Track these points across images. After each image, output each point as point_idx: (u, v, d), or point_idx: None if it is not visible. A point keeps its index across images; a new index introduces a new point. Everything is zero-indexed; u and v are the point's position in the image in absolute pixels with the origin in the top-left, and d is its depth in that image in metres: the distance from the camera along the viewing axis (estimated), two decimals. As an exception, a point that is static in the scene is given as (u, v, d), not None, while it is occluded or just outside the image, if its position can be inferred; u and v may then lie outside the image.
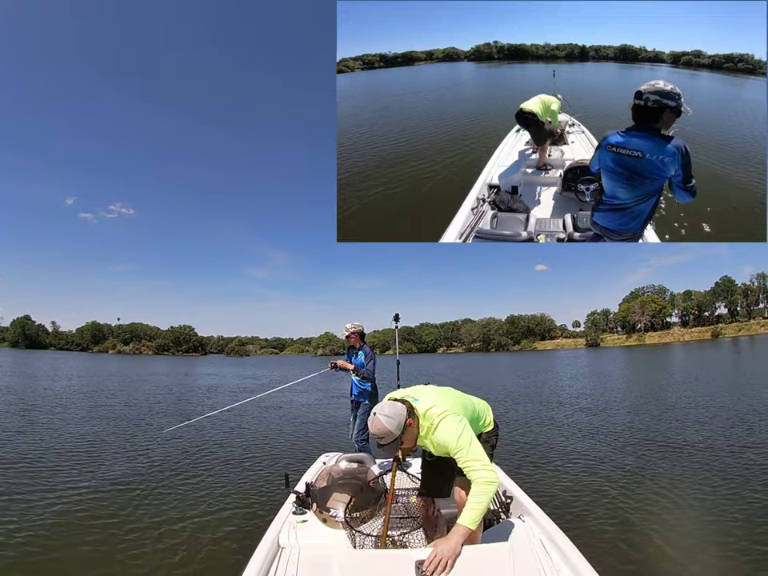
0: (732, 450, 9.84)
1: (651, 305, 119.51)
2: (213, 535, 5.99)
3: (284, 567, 3.37)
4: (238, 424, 14.70)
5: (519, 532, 3.65)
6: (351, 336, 6.93)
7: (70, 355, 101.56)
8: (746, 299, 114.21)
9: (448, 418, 3.07)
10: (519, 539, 3.54)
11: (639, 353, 72.84)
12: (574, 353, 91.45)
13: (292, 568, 3.35)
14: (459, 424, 3.05)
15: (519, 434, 12.73)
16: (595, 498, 7.38)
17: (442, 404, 3.16)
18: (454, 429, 3.03)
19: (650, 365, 44.95)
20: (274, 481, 8.34)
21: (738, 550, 5.49)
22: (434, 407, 3.14)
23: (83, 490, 7.84)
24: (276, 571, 3.32)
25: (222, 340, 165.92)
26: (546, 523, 3.74)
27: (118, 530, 6.26)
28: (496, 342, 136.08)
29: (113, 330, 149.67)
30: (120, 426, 14.39)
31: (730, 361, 44.32)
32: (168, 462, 9.85)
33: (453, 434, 3.01)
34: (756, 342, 71.82)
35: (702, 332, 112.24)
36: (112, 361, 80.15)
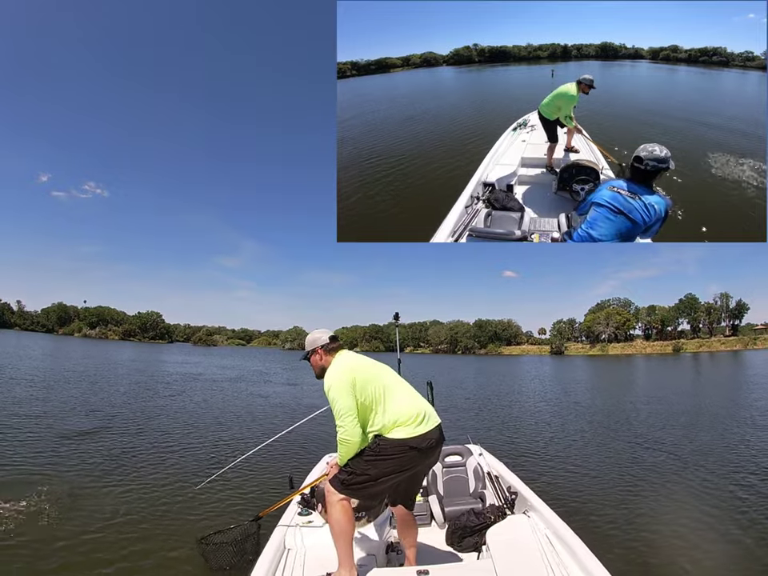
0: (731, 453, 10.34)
1: (616, 317, 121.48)
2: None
3: (291, 568, 3.39)
4: (240, 424, 14.42)
5: (525, 527, 3.68)
6: None
7: (35, 336, 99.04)
8: (708, 317, 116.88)
9: (330, 390, 3.33)
10: (525, 535, 3.56)
11: (603, 362, 74.47)
12: (540, 359, 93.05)
13: (299, 569, 3.36)
14: (333, 399, 3.31)
15: (522, 431, 13.11)
16: (600, 493, 7.58)
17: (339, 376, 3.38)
18: (331, 398, 3.32)
19: (619, 373, 46.52)
20: (278, 482, 8.25)
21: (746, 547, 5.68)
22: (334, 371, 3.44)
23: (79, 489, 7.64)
24: (284, 572, 3.34)
25: (188, 328, 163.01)
26: (551, 518, 3.78)
27: (120, 528, 6.13)
28: (463, 344, 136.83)
29: (79, 312, 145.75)
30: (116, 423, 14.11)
31: (698, 372, 46.28)
32: (171, 463, 9.65)
33: (331, 401, 3.33)
34: (716, 359, 73.70)
35: (663, 346, 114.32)
36: (82, 345, 78.56)
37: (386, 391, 3.35)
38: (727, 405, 18.79)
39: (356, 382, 3.31)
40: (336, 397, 3.27)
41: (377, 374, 3.47)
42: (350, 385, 3.29)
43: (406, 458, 3.22)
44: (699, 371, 48.47)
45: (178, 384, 25.28)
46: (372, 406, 3.30)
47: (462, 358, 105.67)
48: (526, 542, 3.44)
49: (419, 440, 3.22)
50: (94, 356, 48.47)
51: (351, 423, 3.21)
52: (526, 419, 16.13)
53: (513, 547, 3.39)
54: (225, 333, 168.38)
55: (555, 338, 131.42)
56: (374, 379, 3.39)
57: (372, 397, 3.30)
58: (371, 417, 3.31)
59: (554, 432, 13.49)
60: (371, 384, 3.34)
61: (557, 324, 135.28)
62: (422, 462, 3.37)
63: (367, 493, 3.30)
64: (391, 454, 3.20)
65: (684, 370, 50.22)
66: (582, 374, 47.82)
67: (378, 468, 3.20)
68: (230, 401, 19.77)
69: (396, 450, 3.20)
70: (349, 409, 3.22)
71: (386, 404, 3.31)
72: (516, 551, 3.35)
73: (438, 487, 5.12)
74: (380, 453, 3.22)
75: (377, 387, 3.34)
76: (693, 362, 66.39)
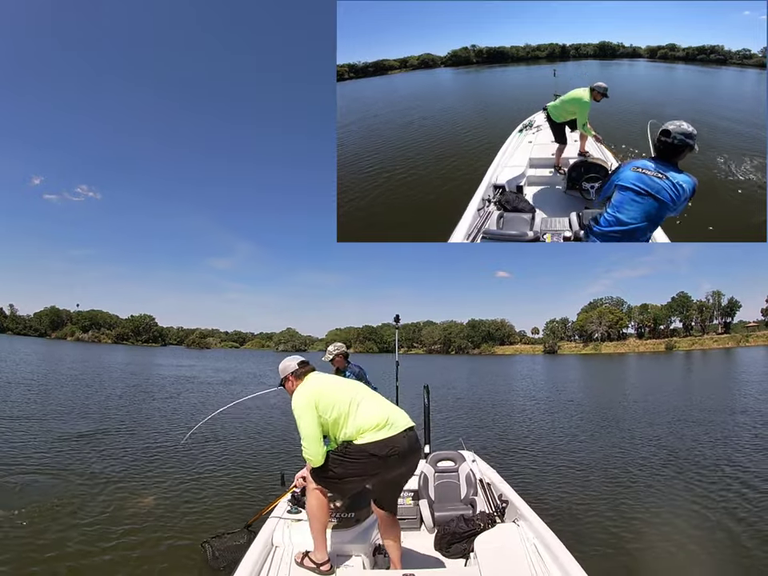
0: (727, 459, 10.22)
1: (609, 315, 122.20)
2: (208, 533, 5.85)
3: (277, 566, 3.40)
4: (234, 422, 14.39)
5: (513, 536, 3.68)
6: (336, 358, 6.90)
7: (27, 340, 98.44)
8: (700, 315, 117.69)
9: (295, 411, 3.57)
10: (513, 543, 3.57)
11: (596, 361, 74.88)
12: (533, 358, 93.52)
13: (285, 567, 3.37)
14: (297, 419, 3.55)
15: (515, 438, 12.96)
16: (590, 503, 7.50)
17: (301, 399, 3.59)
18: (296, 419, 3.56)
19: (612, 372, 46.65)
20: (270, 479, 8.24)
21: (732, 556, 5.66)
22: (299, 394, 3.64)
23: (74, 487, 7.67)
24: (269, 570, 3.34)
25: (181, 331, 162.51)
26: (540, 528, 3.76)
27: (110, 524, 6.15)
28: (456, 344, 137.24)
29: (72, 316, 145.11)
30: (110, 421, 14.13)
31: (689, 370, 46.40)
32: (162, 459, 9.66)
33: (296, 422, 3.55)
34: (708, 356, 74.25)
35: (656, 344, 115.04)
36: (75, 349, 78.16)
37: (351, 406, 3.50)
38: (718, 405, 18.82)
39: (319, 403, 3.52)
40: (299, 418, 3.52)
41: (341, 392, 3.62)
42: (311, 406, 3.51)
43: (369, 464, 3.39)
44: (691, 369, 48.97)
45: (174, 387, 25.23)
46: (339, 421, 3.47)
47: (456, 358, 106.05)
48: (514, 550, 3.45)
49: (380, 446, 3.36)
50: (87, 360, 48.18)
51: (312, 444, 3.46)
52: (517, 420, 16.21)
53: (500, 555, 3.41)
54: (218, 335, 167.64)
55: (548, 337, 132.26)
56: (339, 397, 3.55)
57: (338, 413, 3.48)
58: (340, 430, 3.48)
59: (545, 434, 13.47)
60: (335, 402, 3.51)
61: (550, 323, 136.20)
62: (389, 470, 3.46)
63: (336, 488, 3.57)
64: (354, 459, 3.39)
65: (676, 368, 50.73)
66: (575, 373, 48.22)
67: (343, 469, 3.42)
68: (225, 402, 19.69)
69: (358, 455, 3.38)
70: (310, 430, 3.47)
71: (353, 417, 3.46)
72: (503, 559, 3.37)
73: (429, 491, 5.09)
74: (344, 456, 3.42)
75: (341, 404, 3.50)
76: (685, 360, 66.88)
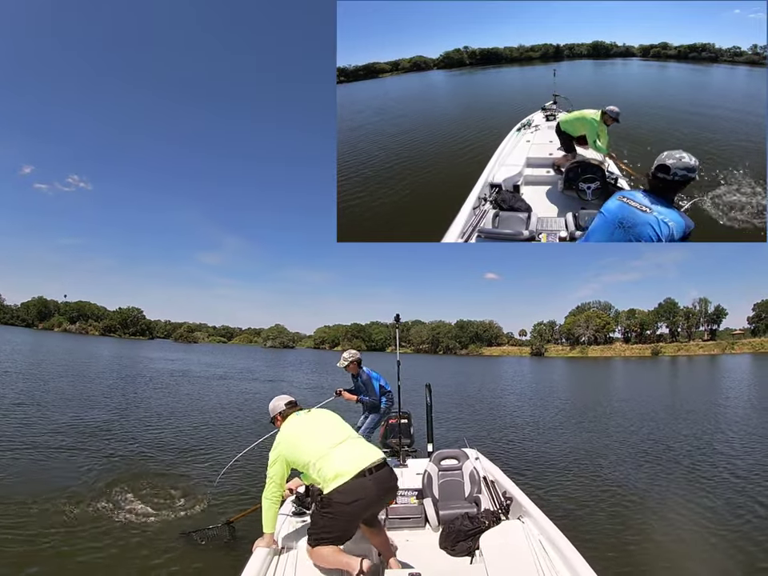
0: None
1: (596, 319, 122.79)
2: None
3: (282, 567, 3.39)
4: (235, 421, 14.32)
5: (518, 533, 3.67)
6: (350, 365, 7.16)
7: (15, 330, 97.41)
8: (687, 321, 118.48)
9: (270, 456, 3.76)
10: (518, 540, 3.56)
11: (583, 364, 75.50)
12: (520, 360, 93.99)
13: (290, 569, 3.35)
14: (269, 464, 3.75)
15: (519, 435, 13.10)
16: (595, 500, 7.56)
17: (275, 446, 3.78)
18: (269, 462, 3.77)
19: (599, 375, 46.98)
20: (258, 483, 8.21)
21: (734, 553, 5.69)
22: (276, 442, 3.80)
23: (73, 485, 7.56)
24: (275, 571, 3.33)
25: (169, 325, 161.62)
26: (545, 524, 3.77)
27: (110, 526, 6.07)
28: (444, 344, 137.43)
29: (59, 307, 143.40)
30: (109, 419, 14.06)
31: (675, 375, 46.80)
32: (164, 460, 9.54)
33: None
34: (693, 363, 74.84)
35: (642, 349, 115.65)
36: (63, 340, 77.21)
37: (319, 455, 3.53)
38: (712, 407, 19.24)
39: (286, 453, 3.69)
40: (269, 464, 3.73)
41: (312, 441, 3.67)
42: (281, 455, 3.71)
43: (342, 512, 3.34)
44: (676, 374, 49.28)
45: (164, 381, 25.14)
46: (307, 468, 3.57)
47: (444, 358, 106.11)
48: (519, 548, 3.44)
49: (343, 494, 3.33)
50: (75, 351, 47.86)
51: (271, 488, 3.70)
52: (511, 419, 16.27)
53: (506, 553, 3.40)
54: (206, 330, 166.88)
55: (536, 339, 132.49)
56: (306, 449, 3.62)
57: (305, 462, 3.57)
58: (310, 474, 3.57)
59: (545, 434, 13.61)
60: (302, 452, 3.61)
61: (537, 326, 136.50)
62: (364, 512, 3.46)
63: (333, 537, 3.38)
64: (333, 512, 3.35)
65: (661, 373, 51.11)
66: (561, 375, 48.59)
67: (328, 519, 3.37)
68: (218, 398, 19.68)
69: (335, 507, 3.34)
70: (273, 475, 3.71)
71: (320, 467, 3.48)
72: (509, 557, 3.37)
73: (433, 490, 5.06)
74: (324, 508, 3.39)
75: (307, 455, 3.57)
76: (671, 366, 67.33)
